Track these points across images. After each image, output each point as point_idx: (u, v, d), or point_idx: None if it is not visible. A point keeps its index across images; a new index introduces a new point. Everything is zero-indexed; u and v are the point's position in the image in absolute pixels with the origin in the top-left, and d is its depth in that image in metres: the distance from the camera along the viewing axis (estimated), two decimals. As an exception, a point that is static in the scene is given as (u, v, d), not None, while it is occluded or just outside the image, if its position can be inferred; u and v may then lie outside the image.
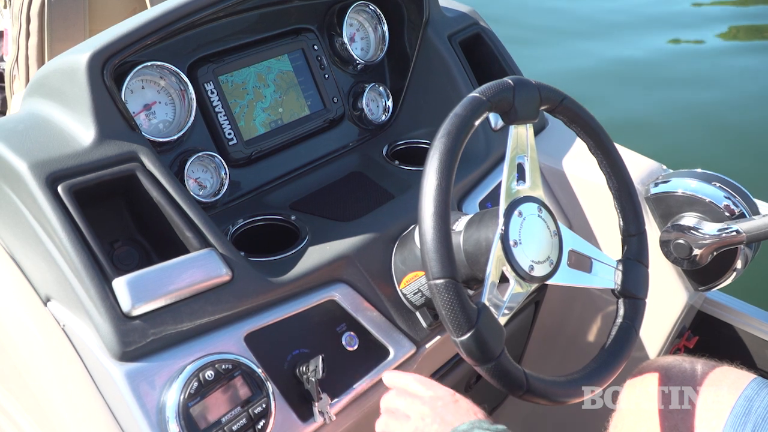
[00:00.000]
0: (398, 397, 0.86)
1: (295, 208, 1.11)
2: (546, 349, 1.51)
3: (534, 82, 0.90)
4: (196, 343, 0.84)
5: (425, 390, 0.84)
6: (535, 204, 0.89)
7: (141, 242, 0.93)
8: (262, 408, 0.83)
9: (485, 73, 1.32)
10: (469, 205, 1.16)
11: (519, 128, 0.89)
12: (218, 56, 1.11)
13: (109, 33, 0.91)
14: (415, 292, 0.99)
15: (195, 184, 1.06)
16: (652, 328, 1.29)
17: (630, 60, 4.38)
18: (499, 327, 0.80)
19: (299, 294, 0.95)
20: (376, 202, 1.11)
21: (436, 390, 0.84)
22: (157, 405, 0.79)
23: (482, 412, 0.81)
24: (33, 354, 0.84)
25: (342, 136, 1.27)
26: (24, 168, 0.82)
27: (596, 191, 1.28)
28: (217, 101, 1.10)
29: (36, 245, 0.84)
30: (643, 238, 0.98)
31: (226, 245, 0.89)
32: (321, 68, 1.24)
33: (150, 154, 0.89)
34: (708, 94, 3.91)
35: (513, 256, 0.85)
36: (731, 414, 0.90)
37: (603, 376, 0.88)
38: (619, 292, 0.96)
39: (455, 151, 0.80)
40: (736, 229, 1.09)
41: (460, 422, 0.79)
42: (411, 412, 0.83)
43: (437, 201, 0.78)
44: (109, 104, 0.89)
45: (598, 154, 0.97)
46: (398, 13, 1.31)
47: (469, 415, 0.80)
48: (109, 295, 0.80)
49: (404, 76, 1.33)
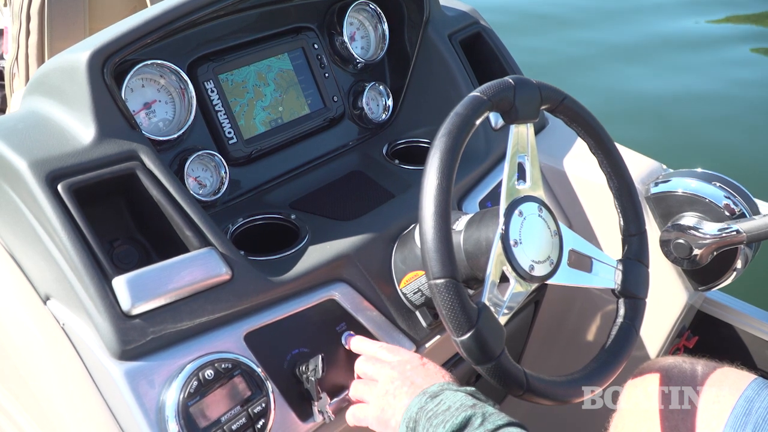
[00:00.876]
0: (367, 362, 0.89)
1: (295, 207, 1.11)
2: (546, 348, 1.51)
3: (535, 82, 0.90)
4: (196, 342, 0.84)
5: (393, 356, 0.88)
6: (535, 203, 0.89)
7: (141, 241, 0.93)
8: (261, 407, 0.83)
9: (486, 72, 1.32)
10: (469, 204, 1.16)
11: (519, 128, 0.89)
12: (218, 55, 1.11)
13: (109, 31, 0.91)
14: (415, 291, 0.99)
15: (195, 183, 1.05)
16: (652, 328, 1.29)
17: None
18: (500, 327, 0.80)
19: (299, 293, 0.94)
20: (376, 201, 1.11)
21: (402, 355, 0.88)
22: (156, 404, 0.79)
23: (449, 375, 0.84)
24: (32, 353, 0.84)
25: (342, 135, 1.27)
26: (24, 166, 0.82)
27: (597, 191, 1.28)
28: (217, 100, 1.09)
29: (36, 244, 0.84)
30: (644, 238, 0.98)
31: (226, 244, 0.89)
32: (321, 67, 1.24)
33: (150, 153, 0.89)
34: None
35: (513, 256, 0.84)
36: (732, 414, 0.90)
37: (603, 375, 0.88)
38: (619, 291, 0.95)
39: (456, 150, 0.80)
40: (737, 228, 1.09)
41: (429, 384, 0.81)
42: (380, 377, 0.86)
43: (438, 200, 0.78)
44: (109, 103, 0.89)
45: (598, 153, 0.97)
46: (398, 12, 1.31)
47: (438, 377, 0.83)
48: (108, 294, 0.79)
49: (404, 75, 1.33)
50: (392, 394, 0.83)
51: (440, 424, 0.74)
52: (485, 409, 0.75)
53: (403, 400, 0.81)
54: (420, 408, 0.77)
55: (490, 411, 0.75)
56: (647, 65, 4.27)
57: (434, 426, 0.74)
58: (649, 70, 4.19)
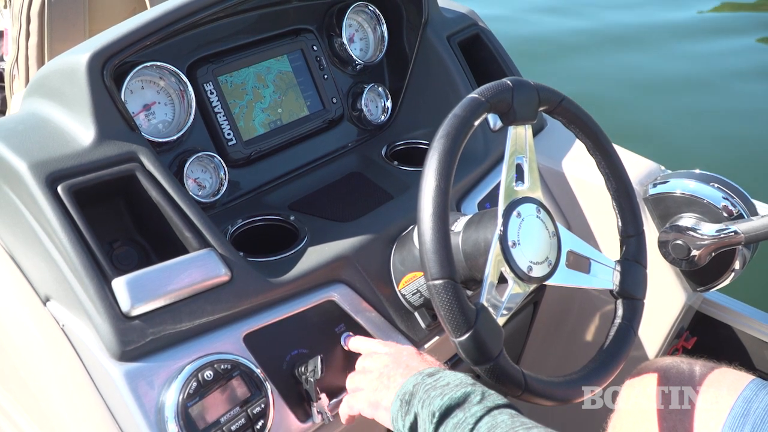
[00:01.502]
0: (366, 358, 0.89)
1: (294, 209, 1.11)
2: (544, 349, 1.51)
3: (533, 83, 0.90)
4: (195, 343, 0.84)
5: (389, 348, 0.88)
6: (533, 205, 0.90)
7: (140, 242, 0.94)
8: (260, 408, 0.83)
9: (484, 74, 1.33)
10: (467, 205, 1.16)
11: (518, 129, 0.90)
12: (218, 57, 1.12)
13: (108, 33, 0.91)
14: (414, 292, 0.99)
15: (194, 185, 1.06)
16: (651, 329, 1.29)
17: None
18: (498, 327, 0.80)
19: (298, 294, 0.95)
20: (375, 202, 1.11)
21: (398, 347, 0.88)
22: (156, 405, 0.79)
23: (446, 366, 0.83)
24: (32, 354, 0.84)
25: (341, 137, 1.27)
26: (24, 168, 0.82)
27: (595, 192, 1.28)
28: (217, 101, 1.10)
29: (35, 245, 0.85)
30: (642, 239, 0.98)
31: (225, 245, 0.89)
32: (320, 69, 1.24)
33: (149, 155, 0.89)
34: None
35: (511, 257, 0.85)
36: (730, 415, 0.90)
37: (601, 376, 0.88)
38: (617, 292, 0.96)
39: (454, 151, 0.80)
40: (735, 229, 1.09)
41: (425, 367, 0.80)
42: (375, 365, 0.86)
43: (436, 202, 0.78)
44: (108, 104, 0.89)
45: (596, 154, 0.98)
46: (397, 14, 1.31)
47: (435, 365, 0.83)
48: (108, 295, 0.80)
49: (403, 77, 1.33)
50: (386, 376, 0.82)
51: (438, 396, 0.72)
52: (485, 389, 0.74)
53: (398, 380, 0.80)
54: (416, 383, 0.76)
55: (490, 391, 0.73)
56: (646, 52, 4.28)
57: (431, 398, 0.73)
58: (648, 57, 4.20)
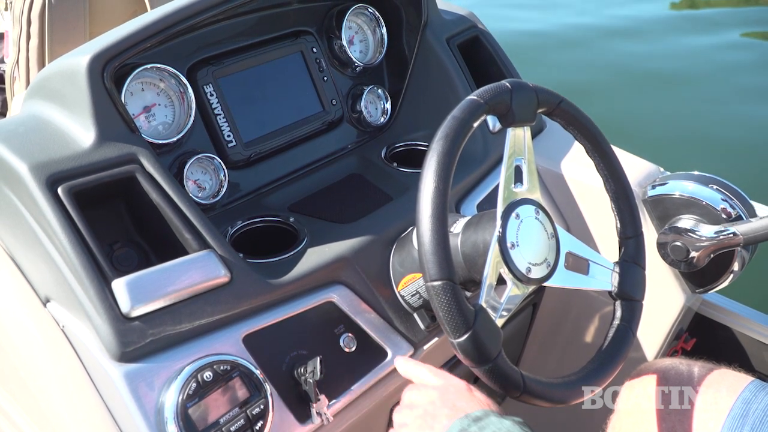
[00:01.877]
0: (413, 390, 0.86)
1: (293, 210, 1.11)
2: (544, 351, 1.51)
3: (531, 85, 0.91)
4: (195, 344, 0.85)
5: (438, 379, 0.85)
6: (532, 206, 0.90)
7: (140, 244, 0.94)
8: (260, 409, 0.83)
9: (483, 76, 1.33)
10: (466, 207, 1.17)
11: (516, 131, 0.90)
12: (218, 59, 1.12)
13: (109, 36, 0.92)
14: (413, 293, 1.00)
15: (194, 186, 1.06)
16: (650, 330, 1.29)
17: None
18: (496, 329, 0.80)
19: (297, 295, 0.95)
20: (375, 204, 1.11)
21: (448, 379, 0.84)
22: (155, 406, 0.79)
23: (496, 405, 0.81)
24: (32, 355, 0.85)
25: (340, 138, 1.28)
26: (24, 170, 0.83)
27: (593, 194, 1.28)
28: (217, 103, 1.10)
29: (36, 246, 0.85)
30: (640, 241, 0.98)
31: (225, 247, 0.89)
32: (320, 70, 1.24)
33: (149, 156, 0.90)
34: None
35: (510, 258, 0.85)
36: (729, 416, 0.90)
37: (599, 378, 0.88)
38: (616, 294, 0.96)
39: (453, 153, 0.80)
40: (733, 231, 1.10)
41: (472, 409, 0.78)
42: (421, 400, 0.83)
43: (435, 203, 0.78)
44: (109, 106, 0.89)
45: (595, 156, 0.98)
46: (397, 16, 1.31)
47: (483, 404, 0.80)
48: (108, 296, 0.80)
49: (403, 79, 1.33)
50: (431, 415, 0.79)
51: None
52: None
53: (443, 422, 0.77)
54: (461, 430, 0.74)
55: None
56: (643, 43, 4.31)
57: None
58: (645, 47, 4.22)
